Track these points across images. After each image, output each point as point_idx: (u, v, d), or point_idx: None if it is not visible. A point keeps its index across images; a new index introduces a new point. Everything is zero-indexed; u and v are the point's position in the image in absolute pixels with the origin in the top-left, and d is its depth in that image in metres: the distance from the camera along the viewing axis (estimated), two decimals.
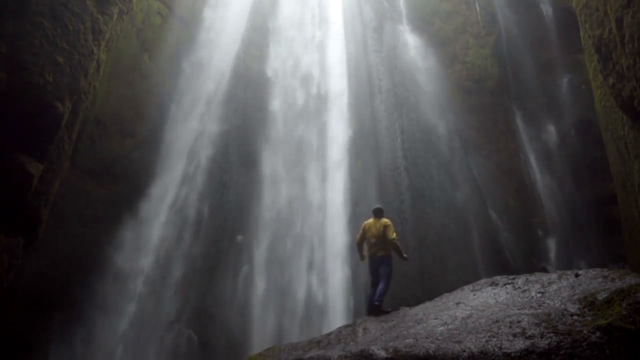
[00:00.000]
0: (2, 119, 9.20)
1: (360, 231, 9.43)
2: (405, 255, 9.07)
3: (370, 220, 9.32)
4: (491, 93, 19.05)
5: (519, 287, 6.76)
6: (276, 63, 18.79)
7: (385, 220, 9.16)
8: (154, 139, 15.70)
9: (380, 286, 8.67)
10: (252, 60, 18.41)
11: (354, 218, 15.19)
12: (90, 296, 13.04)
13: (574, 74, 18.46)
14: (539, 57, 19.67)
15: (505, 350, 4.40)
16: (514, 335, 4.66)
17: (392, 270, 8.90)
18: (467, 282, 8.14)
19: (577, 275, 6.55)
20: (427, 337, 5.20)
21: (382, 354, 4.69)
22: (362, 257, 9.51)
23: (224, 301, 14.32)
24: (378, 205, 9.69)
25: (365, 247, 9.30)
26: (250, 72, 18.14)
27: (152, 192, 15.10)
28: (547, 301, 5.82)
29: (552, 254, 16.23)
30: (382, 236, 8.94)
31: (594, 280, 6.17)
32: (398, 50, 19.67)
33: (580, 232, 16.35)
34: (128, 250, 14.07)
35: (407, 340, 5.12)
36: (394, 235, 8.95)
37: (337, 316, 14.05)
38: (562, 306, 5.42)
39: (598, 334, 4.41)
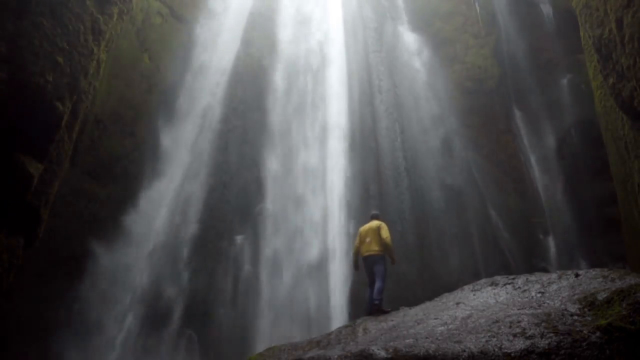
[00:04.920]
0: (2, 119, 9.19)
1: (357, 237, 9.48)
2: (394, 257, 9.10)
3: (366, 225, 9.47)
4: (491, 93, 19.05)
5: (519, 287, 6.75)
6: (276, 63, 18.79)
7: (379, 221, 9.32)
8: (154, 139, 15.70)
9: (377, 285, 8.71)
10: (252, 60, 18.41)
11: (354, 218, 15.20)
12: (90, 296, 13.05)
13: (574, 74, 18.45)
14: (539, 57, 19.67)
15: (505, 350, 4.40)
16: (514, 335, 4.66)
17: (386, 269, 8.92)
18: (467, 282, 8.13)
19: (577, 275, 6.54)
20: (427, 337, 5.19)
21: (382, 354, 4.68)
22: (356, 267, 9.47)
23: (224, 301, 14.32)
24: (375, 212, 9.90)
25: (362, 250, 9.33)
26: (250, 72, 18.14)
27: (152, 192, 15.10)
28: (547, 301, 5.81)
29: (552, 254, 16.23)
30: (376, 235, 9.03)
31: (594, 280, 6.17)
32: (398, 50, 19.67)
33: (580, 232, 16.35)
34: (128, 251, 14.06)
35: (407, 340, 5.12)
36: (388, 235, 9.02)
37: (337, 316, 14.06)
38: (562, 306, 5.41)
39: (598, 334, 4.41)
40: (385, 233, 8.99)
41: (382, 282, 8.72)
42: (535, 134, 18.68)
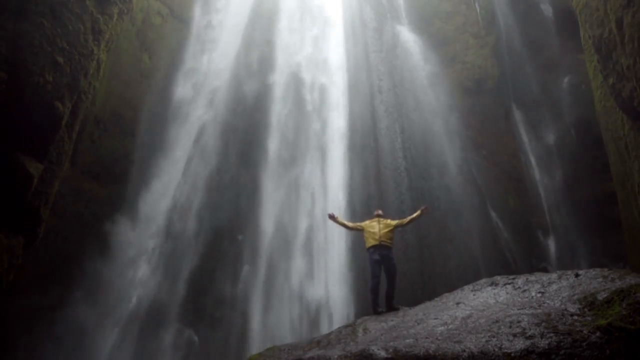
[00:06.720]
0: (2, 119, 9.20)
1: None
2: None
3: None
4: (491, 93, 19.04)
5: (519, 287, 6.75)
6: (276, 63, 18.78)
7: None
8: (154, 139, 15.70)
9: None
10: (252, 60, 18.41)
11: (354, 218, 15.17)
12: (90, 296, 13.04)
13: (574, 74, 18.44)
14: (539, 57, 19.66)
15: (505, 350, 4.40)
16: (514, 335, 4.66)
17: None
18: (467, 282, 8.12)
19: (577, 275, 6.54)
20: (427, 337, 5.19)
21: (382, 354, 4.68)
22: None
23: (224, 301, 14.31)
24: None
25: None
26: (251, 72, 18.14)
27: (152, 192, 15.10)
28: (547, 301, 5.81)
29: (552, 254, 16.21)
30: None
31: (594, 280, 6.17)
32: (398, 50, 19.66)
33: (580, 232, 16.33)
34: (128, 251, 14.06)
35: (407, 340, 5.12)
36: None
37: (337, 316, 14.05)
38: (562, 306, 5.41)
39: (598, 334, 4.41)
40: None
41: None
42: (535, 134, 18.66)
